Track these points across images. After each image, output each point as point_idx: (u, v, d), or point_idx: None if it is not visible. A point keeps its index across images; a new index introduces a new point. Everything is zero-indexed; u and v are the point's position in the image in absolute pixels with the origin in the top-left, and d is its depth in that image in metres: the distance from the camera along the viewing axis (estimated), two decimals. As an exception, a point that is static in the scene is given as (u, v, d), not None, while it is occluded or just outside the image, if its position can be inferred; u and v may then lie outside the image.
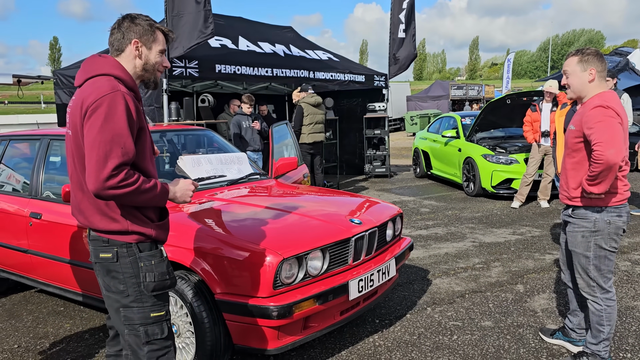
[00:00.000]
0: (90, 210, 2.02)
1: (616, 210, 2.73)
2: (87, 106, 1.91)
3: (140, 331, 2.03)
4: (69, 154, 2.07)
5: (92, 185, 1.86)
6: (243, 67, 8.04)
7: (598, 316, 2.80)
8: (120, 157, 1.87)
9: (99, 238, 2.03)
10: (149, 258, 2.04)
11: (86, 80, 2.02)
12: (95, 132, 1.87)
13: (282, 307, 2.62)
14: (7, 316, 4.00)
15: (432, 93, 29.20)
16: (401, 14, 10.69)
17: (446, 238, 5.91)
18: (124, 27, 2.07)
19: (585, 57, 2.71)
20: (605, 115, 2.59)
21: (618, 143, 2.53)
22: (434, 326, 3.56)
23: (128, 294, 2.02)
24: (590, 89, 2.73)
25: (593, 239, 2.75)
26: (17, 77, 8.39)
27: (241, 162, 4.24)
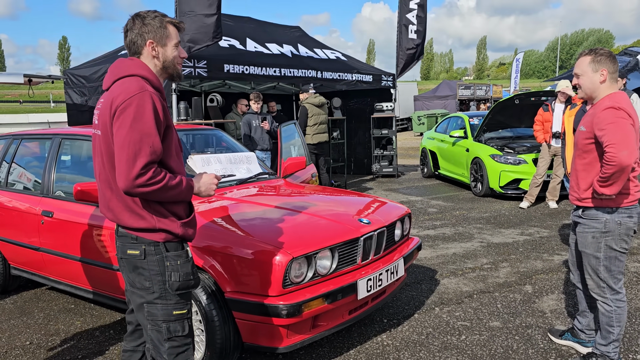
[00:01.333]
0: (118, 208, 2.06)
1: (627, 211, 2.72)
2: (117, 106, 1.95)
3: (162, 327, 2.06)
4: (97, 154, 2.10)
5: (122, 183, 1.91)
6: (251, 67, 8.07)
7: (608, 317, 2.79)
8: (148, 156, 1.92)
9: (128, 235, 2.07)
10: (175, 258, 2.08)
11: (114, 82, 2.06)
12: (124, 131, 1.92)
13: (291, 306, 2.64)
14: (18, 313, 4.05)
15: (440, 93, 29.13)
16: (409, 14, 10.67)
17: (454, 238, 5.90)
18: (135, 29, 2.09)
19: (598, 58, 2.70)
20: (617, 116, 2.58)
21: (631, 144, 2.52)
22: (442, 326, 3.56)
23: (153, 291, 2.06)
24: (601, 89, 2.72)
25: (604, 239, 2.74)
26: (28, 77, 8.46)
27: (250, 162, 4.27)
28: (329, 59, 10.02)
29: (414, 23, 10.72)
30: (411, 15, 10.66)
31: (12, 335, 3.63)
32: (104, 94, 2.11)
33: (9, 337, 3.61)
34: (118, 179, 1.93)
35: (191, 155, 3.92)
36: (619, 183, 2.58)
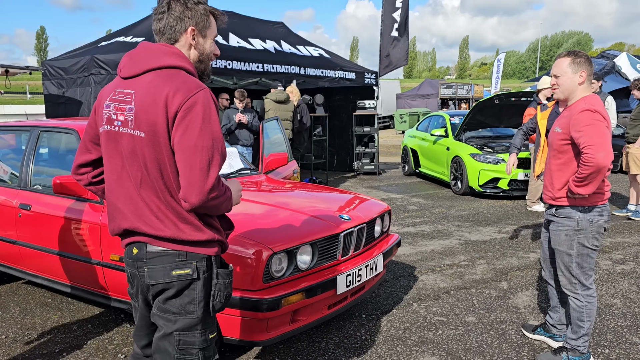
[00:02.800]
0: (170, 219, 1.74)
1: (599, 209, 2.81)
2: (178, 106, 1.66)
3: (198, 356, 1.80)
4: (138, 159, 1.73)
5: (196, 197, 1.65)
6: (234, 62, 8.05)
7: (579, 312, 2.88)
8: (219, 165, 1.70)
9: (172, 252, 1.76)
10: (225, 277, 1.84)
11: (146, 72, 1.76)
12: (195, 135, 1.65)
13: (271, 300, 2.67)
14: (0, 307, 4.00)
15: (422, 91, 29.36)
16: (395, 13, 10.75)
17: (433, 235, 5.99)
18: (176, 11, 1.78)
19: (578, 60, 2.78)
20: (593, 119, 2.66)
21: (607, 146, 2.61)
22: (419, 321, 3.63)
23: (196, 316, 1.78)
24: (578, 91, 2.81)
25: (576, 237, 2.83)
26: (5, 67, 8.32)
27: (232, 157, 4.27)
28: (312, 56, 10.04)
29: (397, 21, 10.80)
30: (396, 14, 10.74)
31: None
32: (126, 84, 1.79)
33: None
34: (188, 192, 1.65)
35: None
36: (594, 183, 2.65)
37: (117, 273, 3.20)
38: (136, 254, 1.81)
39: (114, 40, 8.57)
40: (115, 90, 1.81)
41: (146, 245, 1.78)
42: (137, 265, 1.81)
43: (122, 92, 1.78)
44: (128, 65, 1.80)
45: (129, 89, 1.77)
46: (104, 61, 7.59)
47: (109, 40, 8.71)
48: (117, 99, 1.79)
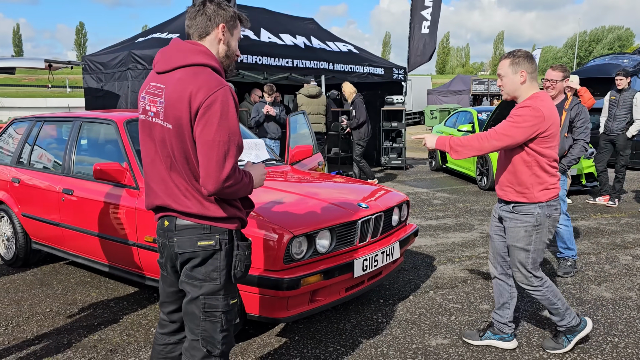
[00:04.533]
0: (197, 198, 1.95)
1: (554, 204, 2.89)
2: (199, 103, 1.85)
3: (221, 318, 2.00)
4: (166, 147, 1.95)
5: (212, 186, 1.87)
6: (265, 57, 8.29)
7: (546, 299, 2.98)
8: (235, 157, 1.89)
9: (198, 225, 1.97)
10: (245, 248, 2.05)
11: (176, 69, 1.95)
12: (212, 131, 1.84)
13: (291, 280, 2.87)
14: (39, 284, 4.33)
15: (453, 87, 29.08)
16: (424, 11, 10.79)
17: (455, 228, 6.09)
18: (209, 10, 2.00)
19: (516, 60, 2.81)
20: (518, 114, 2.74)
21: (502, 140, 2.74)
22: (434, 307, 3.77)
23: (219, 282, 1.99)
24: (522, 89, 2.85)
25: (535, 233, 2.87)
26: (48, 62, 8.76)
27: (259, 148, 4.49)
28: (341, 52, 10.19)
29: (427, 19, 10.83)
30: (426, 12, 10.78)
31: (33, 303, 3.91)
32: (159, 78, 1.99)
33: (31, 304, 3.89)
34: (206, 181, 1.87)
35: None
36: (466, 152, 2.81)
37: (150, 254, 3.46)
38: (167, 226, 2.03)
39: (150, 36, 8.92)
40: (150, 84, 2.02)
41: (175, 218, 2.00)
42: (168, 235, 2.02)
43: (155, 85, 1.99)
44: (161, 62, 2.00)
45: (161, 83, 1.97)
46: (140, 56, 7.92)
47: (145, 37, 9.06)
48: (151, 92, 2.00)
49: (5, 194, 4.69)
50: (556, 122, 2.77)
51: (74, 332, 3.41)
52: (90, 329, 3.46)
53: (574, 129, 4.32)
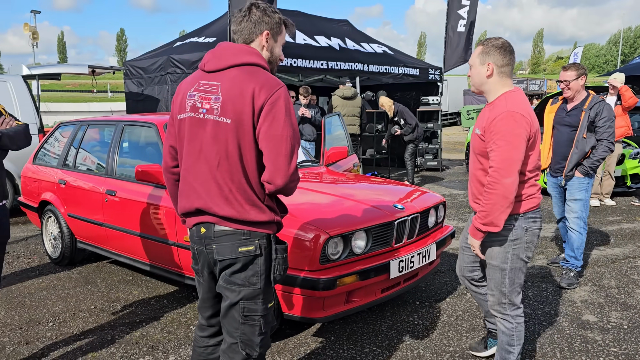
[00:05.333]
0: (240, 201, 1.95)
1: (532, 215, 2.51)
2: (264, 100, 1.88)
3: (259, 322, 2.02)
4: (220, 143, 1.94)
5: (281, 179, 1.89)
6: (300, 59, 8.35)
7: (509, 336, 2.58)
8: (297, 153, 1.94)
9: (237, 231, 1.96)
10: (283, 252, 2.06)
11: (230, 68, 1.97)
12: (280, 126, 1.88)
13: (327, 280, 2.89)
14: (84, 282, 4.49)
15: (490, 87, 28.53)
16: (461, 10, 10.66)
17: (493, 231, 5.98)
18: (255, 16, 2.02)
19: (487, 49, 2.45)
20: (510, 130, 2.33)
21: (515, 169, 2.33)
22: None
23: (259, 287, 2.00)
24: (489, 85, 2.48)
25: (511, 248, 2.50)
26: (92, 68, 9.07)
27: (294, 150, 4.53)
28: (376, 53, 10.17)
29: (464, 18, 10.70)
30: (463, 11, 10.65)
31: (78, 300, 4.05)
32: (211, 77, 2.00)
33: (76, 301, 4.04)
34: (275, 175, 1.89)
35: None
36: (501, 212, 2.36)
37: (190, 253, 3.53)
38: (204, 233, 2.01)
39: (188, 40, 9.11)
40: (199, 82, 2.02)
41: (214, 225, 1.98)
42: (205, 242, 2.01)
43: (207, 83, 1.99)
44: (213, 61, 2.01)
45: (214, 80, 1.98)
46: (179, 61, 8.11)
47: (183, 41, 9.27)
48: (202, 89, 2.00)
49: (53, 195, 4.88)
50: (536, 123, 2.43)
51: (117, 329, 3.52)
52: (132, 326, 3.56)
53: (596, 128, 4.06)
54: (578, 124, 4.10)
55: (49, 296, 4.14)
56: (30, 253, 5.37)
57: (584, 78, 4.10)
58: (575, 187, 4.15)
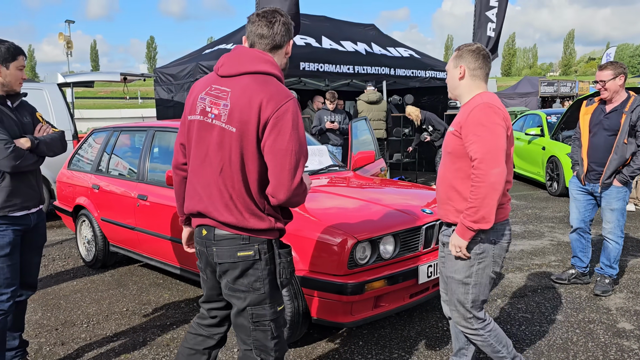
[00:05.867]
0: (239, 209, 1.96)
1: (501, 228, 2.37)
2: (270, 113, 1.87)
3: (270, 326, 2.02)
4: (225, 149, 1.94)
5: (284, 194, 1.89)
6: (326, 64, 8.38)
7: (488, 345, 2.46)
8: (303, 167, 1.94)
9: (237, 236, 1.97)
10: (287, 255, 2.05)
11: (242, 75, 1.96)
12: (285, 141, 1.87)
13: (355, 285, 2.89)
14: (116, 285, 4.59)
15: (520, 90, 28.08)
16: (489, 12, 10.53)
17: (523, 236, 5.88)
18: (286, 24, 2.03)
19: (460, 53, 2.42)
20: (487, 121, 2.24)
21: (501, 159, 2.21)
22: (503, 316, 3.67)
23: (263, 292, 2.00)
24: (462, 87, 2.42)
25: (477, 262, 2.36)
26: (123, 75, 9.28)
27: (322, 154, 4.55)
28: (403, 57, 10.13)
29: (493, 21, 10.56)
30: (491, 13, 10.52)
31: (111, 303, 4.15)
32: (224, 82, 1.99)
33: (109, 304, 4.13)
34: (277, 189, 1.90)
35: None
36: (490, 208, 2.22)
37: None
38: (205, 235, 2.04)
39: (216, 47, 9.25)
40: (211, 86, 2.01)
41: (214, 228, 2.00)
42: (206, 244, 2.04)
43: (218, 88, 1.98)
44: (227, 65, 2.00)
45: (225, 86, 1.97)
46: (207, 67, 8.22)
47: (211, 48, 9.42)
48: (213, 94, 1.99)
49: (86, 200, 5.01)
50: (511, 128, 2.33)
51: (148, 331, 3.59)
52: (163, 329, 3.63)
53: (637, 133, 3.81)
54: (618, 127, 3.82)
55: (83, 298, 4.25)
56: (65, 256, 5.53)
57: (622, 77, 3.82)
58: (612, 196, 3.92)
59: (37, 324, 3.73)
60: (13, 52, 2.69)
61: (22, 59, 2.75)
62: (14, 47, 2.72)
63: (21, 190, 2.78)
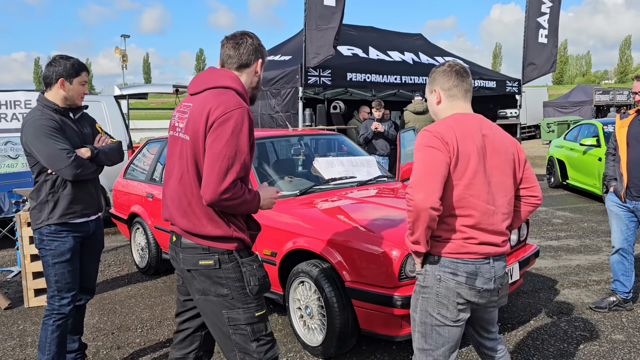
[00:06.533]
0: (197, 214, 2.05)
1: (452, 265, 2.02)
2: (215, 118, 1.96)
3: (247, 330, 2.08)
4: (180, 157, 2.09)
5: (209, 195, 1.95)
6: (373, 74, 8.38)
7: None
8: (237, 173, 1.96)
9: (197, 246, 2.07)
10: (251, 263, 2.10)
11: (205, 90, 2.10)
12: (221, 145, 1.94)
13: (406, 298, 2.84)
14: (168, 291, 4.70)
15: (573, 98, 27.16)
16: (541, 18, 10.27)
17: (579, 250, 5.65)
18: (253, 44, 2.16)
19: (432, 76, 2.20)
20: (423, 145, 2.02)
21: (429, 186, 1.94)
22: (559, 334, 3.52)
23: (232, 297, 2.06)
24: (442, 112, 2.17)
25: (420, 297, 2.10)
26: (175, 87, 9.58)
27: (370, 165, 4.53)
28: (451, 66, 10.00)
29: (544, 27, 10.29)
30: (542, 19, 10.25)
31: (164, 309, 4.25)
32: (190, 99, 2.15)
33: (162, 309, 4.24)
34: (205, 190, 1.96)
35: (317, 158, 4.29)
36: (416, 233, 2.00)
37: (267, 266, 3.61)
38: (174, 242, 2.18)
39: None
40: (182, 104, 2.20)
41: (181, 237, 2.13)
42: (175, 250, 2.17)
43: (185, 105, 2.17)
44: (193, 84, 2.18)
45: (190, 102, 2.14)
46: (256, 79, 8.37)
47: (260, 60, 9.58)
48: (181, 110, 2.18)
49: (141, 208, 5.17)
50: (464, 147, 1.99)
51: (199, 338, 3.65)
52: (213, 336, 3.68)
53: None
54: None
55: (137, 304, 4.38)
56: (119, 262, 5.72)
57: None
58: None
59: (94, 328, 3.87)
60: (77, 68, 2.83)
61: (85, 74, 2.88)
62: (79, 63, 2.85)
63: (81, 198, 2.90)
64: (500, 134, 2.15)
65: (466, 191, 1.99)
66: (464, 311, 2.05)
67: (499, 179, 2.07)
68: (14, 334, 3.78)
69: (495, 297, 2.12)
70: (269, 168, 4.54)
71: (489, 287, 2.06)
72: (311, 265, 3.26)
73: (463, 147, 1.99)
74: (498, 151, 2.08)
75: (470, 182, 1.99)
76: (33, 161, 2.80)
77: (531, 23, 10.28)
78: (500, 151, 2.09)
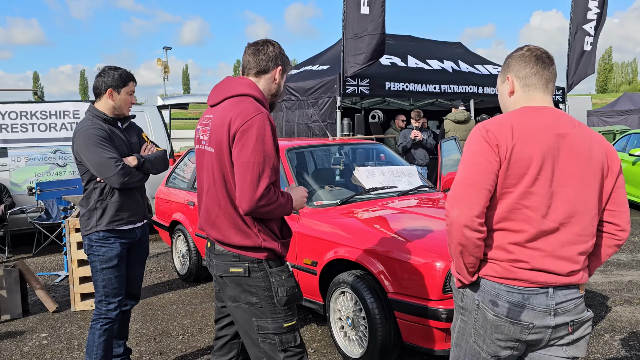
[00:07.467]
0: (225, 225, 2.07)
1: (490, 287, 1.68)
2: (237, 128, 1.98)
3: (275, 340, 2.07)
4: (209, 170, 2.10)
5: (246, 204, 1.95)
6: (411, 83, 8.31)
7: None
8: (270, 177, 1.98)
9: (228, 253, 2.08)
10: (279, 273, 2.09)
11: (224, 100, 2.12)
12: (248, 153, 1.95)
13: (450, 311, 2.77)
14: (208, 298, 4.74)
15: (619, 107, 26.23)
16: (586, 25, 9.98)
17: (631, 265, 5.41)
18: (274, 52, 2.18)
19: (506, 62, 1.85)
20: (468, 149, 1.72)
21: (467, 200, 1.65)
22: (612, 353, 3.36)
23: (261, 306, 2.07)
24: (513, 106, 1.80)
25: (460, 317, 1.82)
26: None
27: (411, 175, 4.47)
28: (491, 74, 9.83)
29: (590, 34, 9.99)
30: (588, 27, 9.96)
31: (204, 316, 4.29)
32: (211, 110, 2.17)
33: (202, 316, 4.27)
34: (241, 200, 1.96)
35: (357, 167, 4.26)
36: (457, 256, 1.72)
37: (308, 275, 3.60)
38: (209, 247, 2.22)
39: (303, 69, 9.48)
40: (204, 116, 2.22)
41: (214, 243, 2.16)
42: (210, 257, 2.21)
43: (207, 117, 2.19)
44: (212, 95, 2.20)
45: (211, 114, 2.16)
46: (294, 88, 8.44)
47: (298, 69, 9.66)
48: (203, 123, 2.20)
49: (182, 216, 5.26)
50: (526, 153, 1.63)
51: (239, 346, 3.66)
52: (253, 344, 3.68)
53: None
54: None
55: (178, 310, 4.43)
56: (161, 269, 5.82)
57: None
58: None
59: (137, 333, 3.93)
60: (124, 78, 2.90)
61: (132, 84, 2.95)
62: (126, 73, 2.92)
63: (128, 206, 2.96)
64: (585, 135, 1.71)
65: (520, 201, 1.63)
66: (508, 349, 1.68)
67: (575, 191, 1.65)
68: (61, 337, 3.88)
69: (562, 333, 1.66)
70: (308, 177, 4.53)
71: (546, 323, 1.64)
72: (352, 275, 3.22)
73: (522, 148, 1.63)
74: (578, 155, 1.66)
75: (526, 190, 1.63)
76: (83, 169, 2.87)
77: (577, 30, 10.00)
78: (582, 156, 1.67)
